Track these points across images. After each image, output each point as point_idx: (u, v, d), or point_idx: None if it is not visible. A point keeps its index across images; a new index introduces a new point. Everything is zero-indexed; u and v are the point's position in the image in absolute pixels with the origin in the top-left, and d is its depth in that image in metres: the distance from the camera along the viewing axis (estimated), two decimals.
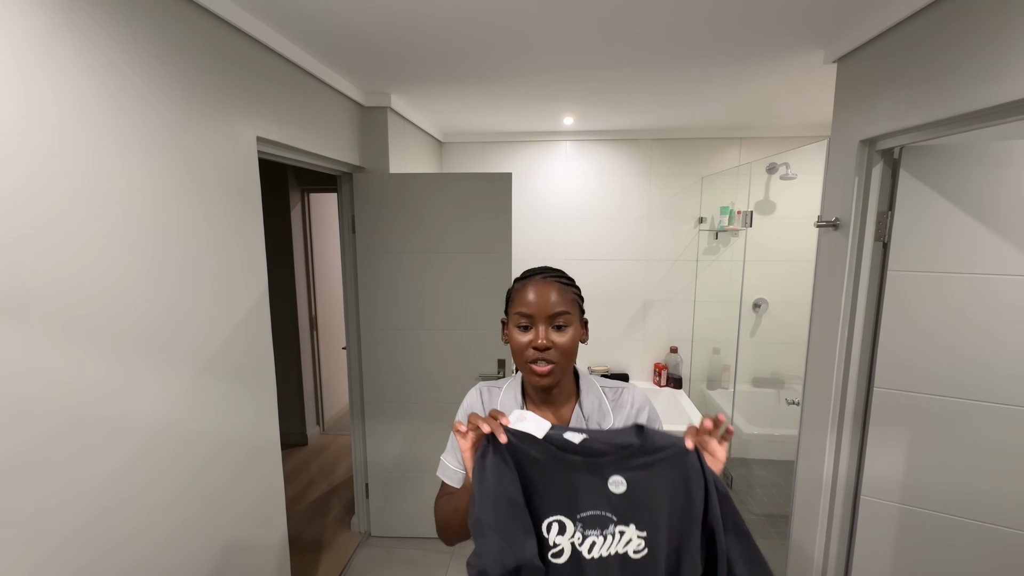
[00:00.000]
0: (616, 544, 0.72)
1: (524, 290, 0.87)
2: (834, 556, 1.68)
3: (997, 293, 1.36)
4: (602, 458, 0.73)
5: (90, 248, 0.97)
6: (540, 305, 0.84)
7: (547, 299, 0.85)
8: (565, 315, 0.85)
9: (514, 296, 0.89)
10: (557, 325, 0.85)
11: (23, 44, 0.84)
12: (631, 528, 0.72)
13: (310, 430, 3.65)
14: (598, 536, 0.72)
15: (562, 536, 0.72)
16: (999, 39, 1.07)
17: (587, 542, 0.72)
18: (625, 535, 0.72)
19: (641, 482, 0.72)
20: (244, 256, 1.44)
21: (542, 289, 0.86)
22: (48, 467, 0.91)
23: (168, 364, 1.17)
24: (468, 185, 2.21)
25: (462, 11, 1.40)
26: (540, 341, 0.83)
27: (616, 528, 0.72)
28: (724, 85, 2.10)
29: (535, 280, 0.88)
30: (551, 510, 0.73)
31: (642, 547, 0.72)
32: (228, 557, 1.41)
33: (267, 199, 2.28)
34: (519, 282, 0.90)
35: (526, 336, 0.85)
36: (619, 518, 0.72)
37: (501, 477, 0.72)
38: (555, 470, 0.73)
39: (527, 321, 0.86)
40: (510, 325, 0.89)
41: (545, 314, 0.84)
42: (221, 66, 1.32)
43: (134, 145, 1.06)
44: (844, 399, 1.61)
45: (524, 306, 0.85)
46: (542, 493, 0.73)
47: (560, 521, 0.73)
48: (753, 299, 3.07)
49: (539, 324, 0.85)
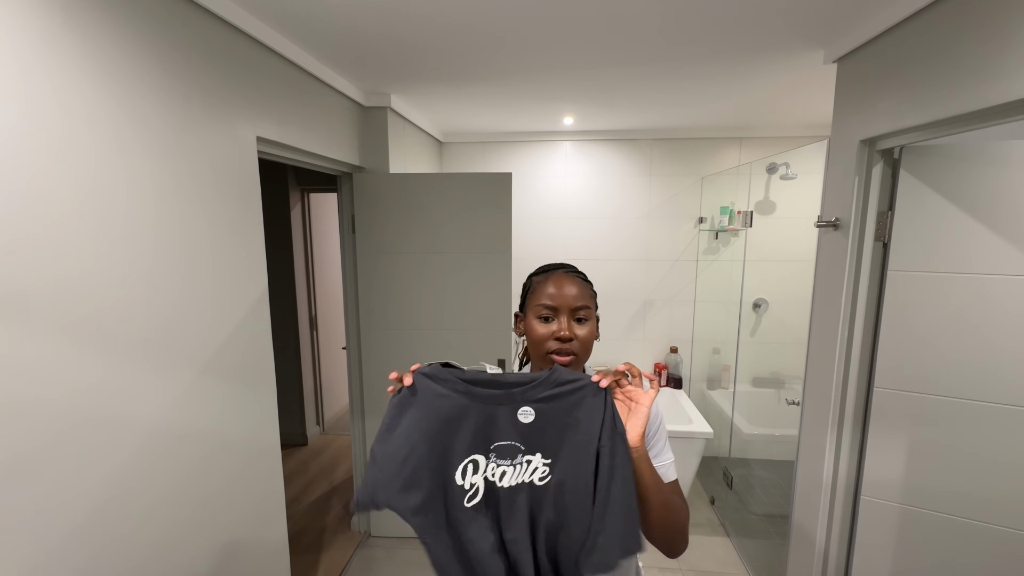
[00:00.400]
0: (524, 472, 0.76)
1: (547, 283, 0.89)
2: (834, 556, 1.68)
3: (997, 293, 1.36)
4: (513, 389, 0.78)
5: (90, 248, 0.97)
6: (564, 297, 0.86)
7: (571, 292, 0.87)
8: (586, 309, 0.88)
9: (535, 289, 0.91)
10: (578, 318, 0.87)
11: (24, 43, 0.84)
12: (537, 457, 0.77)
13: (310, 430, 3.65)
14: (508, 466, 0.77)
15: (476, 475, 0.77)
16: (999, 39, 1.07)
17: (499, 471, 0.77)
18: (532, 463, 0.77)
19: (548, 412, 0.78)
20: (244, 256, 1.44)
21: (565, 282, 0.88)
22: (48, 467, 0.91)
23: (168, 364, 1.17)
24: (468, 185, 2.21)
25: (462, 11, 1.40)
26: (564, 332, 0.85)
27: (524, 457, 0.77)
28: (724, 85, 2.10)
29: (558, 274, 0.91)
30: (466, 450, 0.78)
31: (546, 474, 0.77)
32: (228, 557, 1.41)
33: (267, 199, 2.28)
34: (539, 276, 0.93)
35: (548, 327, 0.87)
36: (527, 447, 0.77)
37: (409, 428, 0.77)
38: (471, 407, 0.78)
39: (550, 313, 0.87)
40: (530, 317, 0.90)
41: (568, 307, 0.86)
42: (221, 66, 1.32)
43: (134, 145, 1.06)
44: (844, 399, 1.61)
45: (548, 298, 0.87)
46: (459, 432, 0.78)
47: (474, 460, 0.78)
48: (753, 299, 3.07)
49: (562, 316, 0.86)
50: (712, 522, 2.65)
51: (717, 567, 2.30)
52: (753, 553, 2.36)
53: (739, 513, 2.69)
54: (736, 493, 2.79)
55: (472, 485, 0.77)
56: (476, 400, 0.79)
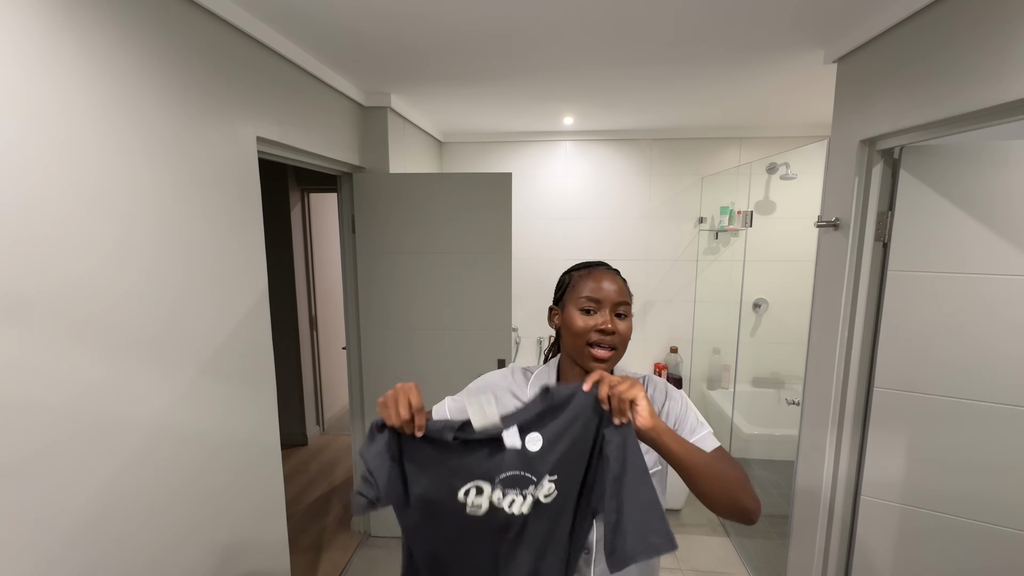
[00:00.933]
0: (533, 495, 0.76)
1: (591, 278, 0.91)
2: (834, 556, 1.68)
3: (997, 293, 1.36)
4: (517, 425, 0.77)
5: (91, 248, 0.97)
6: (607, 292, 0.88)
7: (613, 288, 0.89)
8: (626, 305, 0.90)
9: (577, 283, 0.93)
10: (619, 313, 0.89)
11: (24, 43, 0.84)
12: (544, 479, 0.76)
13: (310, 430, 3.65)
14: (517, 495, 0.76)
15: (480, 496, 0.76)
16: (999, 39, 1.07)
17: (507, 499, 0.76)
18: (541, 486, 0.76)
19: (552, 434, 0.77)
20: (244, 256, 1.44)
21: (609, 278, 0.90)
22: (49, 467, 0.91)
23: (168, 364, 1.17)
24: (468, 185, 2.21)
25: (462, 11, 1.40)
26: (608, 325, 0.86)
27: (533, 486, 0.76)
28: (724, 85, 2.10)
29: (601, 270, 0.93)
30: (469, 477, 0.77)
31: (552, 491, 0.76)
32: (228, 557, 1.41)
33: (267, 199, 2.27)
34: (581, 271, 0.94)
35: (591, 320, 0.88)
36: (537, 476, 0.76)
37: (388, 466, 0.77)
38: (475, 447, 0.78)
39: (593, 305, 0.88)
40: (570, 309, 0.91)
41: (611, 301, 0.88)
42: (221, 66, 1.32)
43: (135, 145, 1.06)
44: (844, 399, 1.61)
45: (591, 291, 0.89)
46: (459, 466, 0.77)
47: (477, 486, 0.77)
48: (753, 299, 3.07)
49: (604, 309, 0.88)
50: (712, 522, 2.65)
51: (717, 567, 2.30)
52: (753, 553, 2.36)
53: None
54: None
55: (475, 504, 0.76)
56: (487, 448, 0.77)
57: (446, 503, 0.77)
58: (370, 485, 0.76)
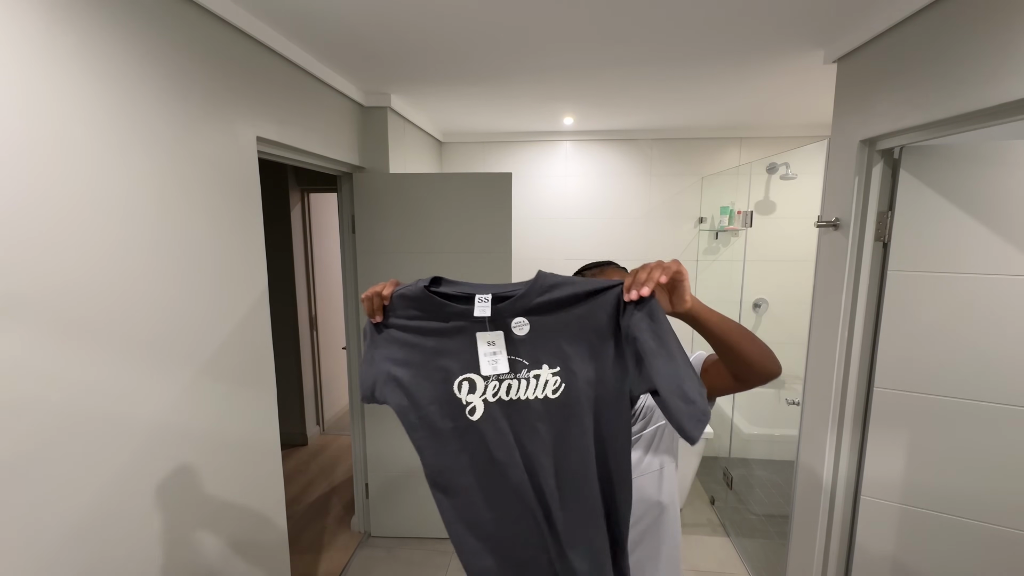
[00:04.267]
0: (536, 388, 0.76)
1: (605, 275, 0.99)
2: (834, 556, 1.68)
3: (997, 293, 1.36)
4: (499, 304, 0.76)
5: (91, 248, 0.97)
6: None
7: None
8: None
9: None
10: None
11: (25, 43, 0.84)
12: (544, 369, 0.75)
13: (310, 430, 3.65)
14: (512, 379, 0.76)
15: (472, 394, 0.78)
16: (999, 39, 1.07)
17: (503, 386, 0.77)
18: (541, 377, 0.75)
19: (545, 321, 0.75)
20: (244, 256, 1.44)
21: (620, 275, 0.97)
22: (49, 467, 0.91)
23: (168, 364, 1.17)
24: (468, 185, 2.21)
25: (462, 11, 1.40)
26: None
27: (531, 372, 0.76)
28: (724, 85, 2.10)
29: (613, 267, 1.01)
30: (459, 370, 0.78)
31: (559, 384, 0.75)
32: (228, 557, 1.41)
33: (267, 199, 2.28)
34: (593, 269, 1.03)
35: None
36: (531, 361, 0.76)
37: (384, 354, 0.81)
38: (461, 331, 0.78)
39: None
40: None
41: None
42: (221, 66, 1.32)
43: (135, 145, 1.06)
44: (844, 399, 1.61)
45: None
46: (450, 355, 0.78)
47: (469, 379, 0.78)
48: (753, 299, 3.07)
49: None
50: (712, 522, 2.65)
51: (717, 567, 2.30)
52: (753, 553, 2.36)
53: (739, 513, 2.69)
54: (736, 493, 2.79)
55: (468, 402, 0.78)
56: (464, 320, 0.77)
57: (445, 402, 0.78)
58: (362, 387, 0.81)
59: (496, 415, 0.77)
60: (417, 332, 0.80)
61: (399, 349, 0.81)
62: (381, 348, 0.82)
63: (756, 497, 2.80)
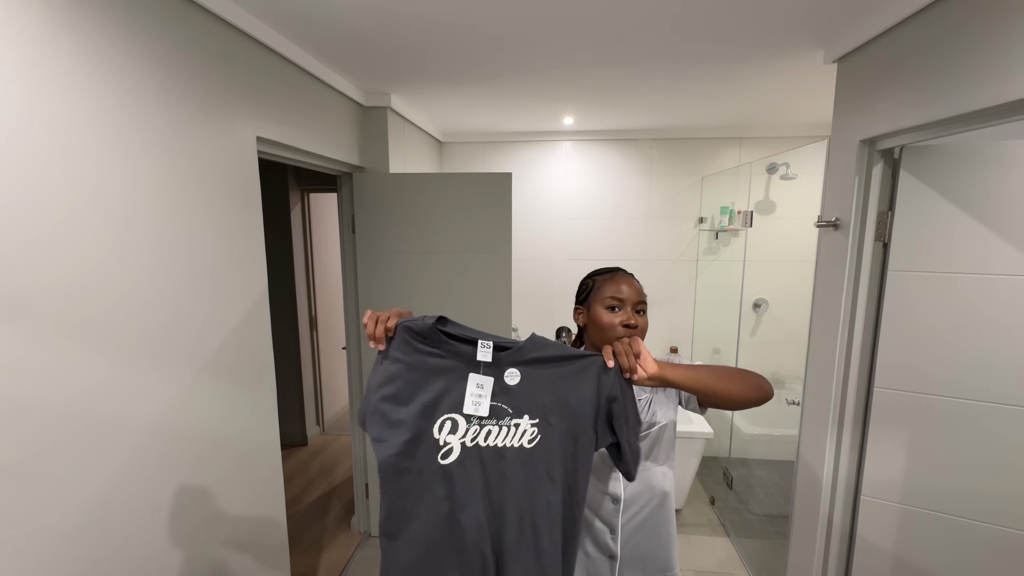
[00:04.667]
0: (513, 437, 0.81)
1: (615, 280, 1.06)
2: (834, 556, 1.68)
3: (997, 293, 1.36)
4: (499, 352, 0.83)
5: (90, 248, 0.97)
6: (630, 292, 1.05)
7: (634, 288, 1.05)
8: (643, 304, 1.06)
9: (601, 286, 1.08)
10: (639, 310, 1.05)
11: (24, 42, 0.84)
12: (524, 419, 0.81)
13: (310, 430, 3.65)
14: (494, 425, 0.82)
15: (453, 435, 0.82)
16: (999, 39, 1.07)
17: (483, 431, 0.81)
18: (520, 427, 0.81)
19: (535, 375, 0.83)
20: (244, 256, 1.44)
21: (630, 281, 1.07)
22: (49, 467, 0.91)
23: (168, 364, 1.17)
24: (468, 185, 2.21)
25: (462, 11, 1.40)
26: (632, 320, 1.02)
27: (512, 421, 0.81)
28: (724, 85, 2.10)
29: (622, 274, 1.09)
30: (446, 408, 0.82)
31: (535, 435, 0.81)
32: (228, 557, 1.41)
33: (267, 199, 2.28)
34: (604, 275, 1.10)
35: (617, 316, 1.03)
36: (514, 410, 0.81)
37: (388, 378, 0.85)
38: (456, 367, 0.83)
39: (618, 303, 1.04)
40: (596, 308, 1.06)
41: (633, 300, 1.04)
42: (221, 66, 1.32)
43: (134, 145, 1.06)
44: (844, 399, 1.61)
45: (617, 292, 1.04)
46: (439, 392, 0.82)
47: (452, 419, 0.82)
48: (753, 299, 3.07)
49: (627, 307, 1.04)
50: (712, 522, 2.65)
51: (717, 567, 2.30)
52: (753, 553, 2.36)
53: (739, 513, 2.69)
54: (736, 493, 2.79)
55: (446, 443, 0.81)
56: (461, 361, 0.83)
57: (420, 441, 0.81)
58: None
59: (470, 459, 0.81)
60: (412, 367, 0.84)
61: (390, 384, 0.84)
62: (376, 377, 0.86)
63: (756, 497, 2.80)
